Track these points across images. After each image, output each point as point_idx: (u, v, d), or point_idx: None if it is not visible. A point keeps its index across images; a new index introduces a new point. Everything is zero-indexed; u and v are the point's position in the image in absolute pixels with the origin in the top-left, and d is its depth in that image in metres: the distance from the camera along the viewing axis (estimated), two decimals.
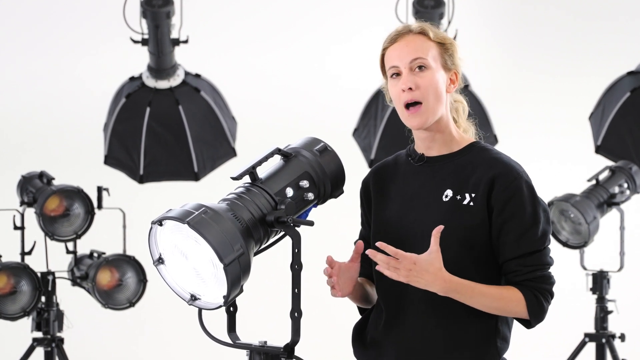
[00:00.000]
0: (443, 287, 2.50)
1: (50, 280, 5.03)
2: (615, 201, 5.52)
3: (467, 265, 2.56)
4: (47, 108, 7.27)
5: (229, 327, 2.61)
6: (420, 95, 2.59)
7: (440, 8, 5.69)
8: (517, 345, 3.63)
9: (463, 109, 2.73)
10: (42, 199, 5.07)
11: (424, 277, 2.48)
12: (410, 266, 2.47)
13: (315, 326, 4.24)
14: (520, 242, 2.55)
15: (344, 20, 7.48)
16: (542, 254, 2.57)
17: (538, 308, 2.56)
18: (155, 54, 5.64)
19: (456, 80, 2.66)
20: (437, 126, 2.63)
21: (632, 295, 6.46)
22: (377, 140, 5.89)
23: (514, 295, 2.55)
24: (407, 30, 2.64)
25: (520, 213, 2.55)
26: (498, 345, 2.61)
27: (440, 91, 2.61)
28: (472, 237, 2.57)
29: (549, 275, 2.58)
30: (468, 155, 2.64)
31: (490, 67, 7.24)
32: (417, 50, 2.61)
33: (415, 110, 2.60)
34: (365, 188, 2.76)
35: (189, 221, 2.35)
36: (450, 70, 2.65)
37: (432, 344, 2.59)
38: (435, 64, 2.61)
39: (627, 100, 5.86)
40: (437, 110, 2.61)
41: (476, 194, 2.57)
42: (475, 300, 2.53)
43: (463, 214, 2.57)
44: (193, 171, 5.88)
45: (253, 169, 2.53)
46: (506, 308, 2.56)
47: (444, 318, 2.58)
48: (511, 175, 2.57)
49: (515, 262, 2.56)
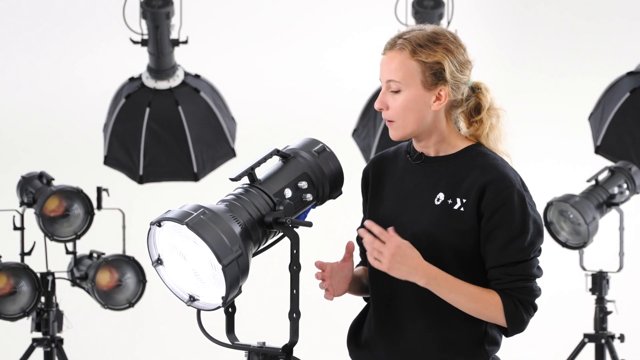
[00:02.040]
0: (424, 275, 2.49)
1: (50, 280, 5.03)
2: (615, 202, 5.51)
3: (455, 270, 2.55)
4: (46, 108, 7.27)
5: (227, 328, 2.61)
6: (393, 115, 2.58)
7: (440, 8, 5.69)
8: (516, 346, 3.64)
9: (491, 128, 2.63)
10: (41, 199, 5.07)
11: (406, 263, 2.47)
12: (394, 250, 2.46)
13: (313, 327, 4.24)
14: (505, 251, 2.53)
15: (343, 21, 7.48)
16: (527, 265, 2.55)
17: (516, 318, 2.54)
18: (154, 55, 5.64)
19: (445, 95, 2.57)
20: (425, 136, 2.62)
21: (632, 296, 6.45)
22: (377, 141, 5.89)
23: (492, 300, 2.53)
24: (392, 44, 2.58)
25: (508, 222, 2.52)
26: (487, 348, 2.60)
27: (417, 111, 2.56)
28: (461, 242, 2.55)
29: (532, 288, 2.55)
30: (464, 158, 2.62)
31: (489, 67, 7.21)
32: (392, 72, 2.56)
33: (390, 125, 2.61)
34: (365, 177, 2.76)
35: (188, 222, 2.36)
36: (436, 86, 2.56)
37: (423, 346, 2.59)
38: (412, 84, 2.55)
39: (627, 100, 5.86)
40: (416, 127, 2.58)
41: (467, 199, 2.55)
42: (453, 296, 2.52)
43: (453, 219, 2.55)
44: (193, 172, 5.88)
45: (252, 170, 2.54)
46: (484, 311, 2.54)
47: (433, 320, 2.58)
48: (503, 183, 2.54)
49: (499, 271, 2.55)
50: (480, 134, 2.65)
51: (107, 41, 6.99)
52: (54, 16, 7.36)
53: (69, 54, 7.29)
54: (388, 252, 2.47)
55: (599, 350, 5.50)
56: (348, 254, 2.64)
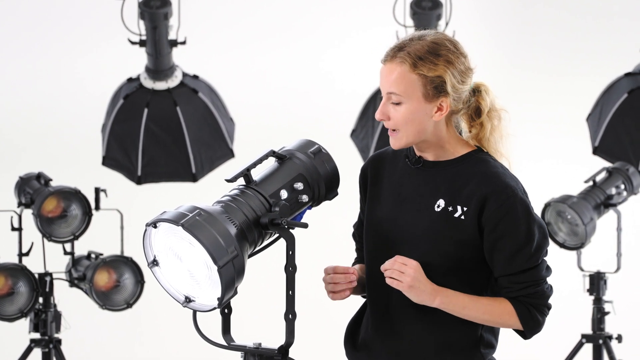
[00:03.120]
0: (437, 296, 2.52)
1: (48, 281, 5.03)
2: (612, 202, 5.51)
3: (451, 275, 2.56)
4: (45, 109, 7.27)
5: (223, 329, 2.61)
6: (394, 125, 2.57)
7: (438, 9, 5.68)
8: (514, 346, 3.64)
9: (491, 130, 2.62)
10: (39, 200, 5.07)
11: (422, 289, 2.50)
12: (415, 273, 2.50)
13: (309, 328, 4.23)
14: (513, 261, 2.53)
15: (341, 22, 7.48)
16: (535, 270, 2.55)
17: (532, 322, 2.56)
18: (153, 55, 5.64)
19: (446, 107, 2.55)
20: (426, 144, 2.60)
21: (629, 297, 6.46)
22: (375, 142, 5.89)
23: (505, 309, 2.55)
24: (394, 55, 2.55)
25: (514, 232, 2.52)
26: (482, 351, 2.61)
27: (418, 121, 2.55)
28: (459, 251, 2.55)
29: (543, 290, 2.56)
30: (464, 164, 2.60)
31: (487, 67, 7.19)
32: (392, 84, 2.54)
33: (392, 134, 2.60)
34: (364, 175, 2.75)
35: (183, 223, 2.36)
36: (438, 98, 2.54)
37: (421, 347, 2.59)
38: (412, 97, 2.53)
39: (625, 101, 5.86)
40: (417, 137, 2.57)
41: (468, 208, 2.54)
42: (467, 311, 2.54)
43: (453, 227, 2.55)
44: (191, 172, 5.88)
45: (247, 171, 2.54)
46: (498, 320, 2.56)
47: (429, 322, 2.58)
48: (504, 193, 2.52)
49: (508, 280, 2.55)
50: (482, 136, 2.63)
51: (106, 42, 7.00)
52: (53, 16, 7.36)
53: (67, 54, 7.29)
54: (410, 273, 2.49)
55: (597, 351, 5.51)
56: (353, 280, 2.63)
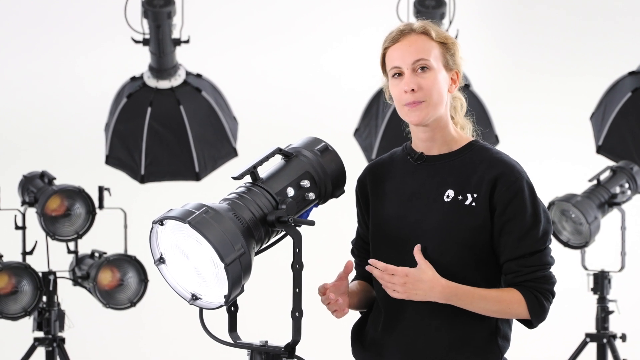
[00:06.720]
0: (442, 293, 2.52)
1: (52, 280, 5.03)
2: (617, 201, 5.52)
3: (468, 265, 2.57)
4: (48, 108, 7.27)
5: (230, 327, 2.61)
6: (423, 96, 2.59)
7: (442, 8, 5.68)
8: (518, 345, 3.63)
9: (461, 105, 2.73)
10: (43, 198, 5.07)
11: (420, 287, 2.52)
12: (403, 279, 2.52)
13: (316, 326, 4.23)
14: (521, 243, 2.55)
15: (345, 20, 7.48)
16: (542, 254, 2.57)
17: (539, 308, 2.57)
18: (156, 54, 5.64)
19: (457, 79, 2.66)
20: (436, 124, 2.63)
21: (633, 296, 6.46)
22: (379, 141, 5.88)
23: (514, 297, 2.56)
24: (409, 30, 2.62)
25: (522, 213, 2.55)
26: (499, 344, 2.61)
27: (442, 91, 2.61)
28: (474, 238, 2.56)
29: (550, 275, 2.58)
30: (468, 154, 2.63)
31: (492, 67, 7.23)
32: (420, 51, 2.60)
33: (415, 106, 2.59)
34: (362, 186, 2.76)
35: (190, 221, 2.35)
36: (451, 69, 2.64)
37: (435, 344, 2.59)
38: (437, 64, 2.61)
39: (629, 100, 5.86)
40: (438, 109, 2.61)
41: (478, 194, 2.56)
42: (476, 305, 2.55)
43: (465, 214, 2.56)
44: (194, 171, 5.88)
45: (254, 168, 2.53)
46: (507, 310, 2.57)
47: (445, 318, 2.58)
48: (513, 175, 2.57)
49: (516, 263, 2.56)
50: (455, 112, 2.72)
51: (109, 40, 6.99)
52: (54, 16, 7.36)
53: (70, 53, 7.29)
54: (399, 282, 2.52)
55: (601, 350, 5.51)
56: (345, 274, 2.64)
